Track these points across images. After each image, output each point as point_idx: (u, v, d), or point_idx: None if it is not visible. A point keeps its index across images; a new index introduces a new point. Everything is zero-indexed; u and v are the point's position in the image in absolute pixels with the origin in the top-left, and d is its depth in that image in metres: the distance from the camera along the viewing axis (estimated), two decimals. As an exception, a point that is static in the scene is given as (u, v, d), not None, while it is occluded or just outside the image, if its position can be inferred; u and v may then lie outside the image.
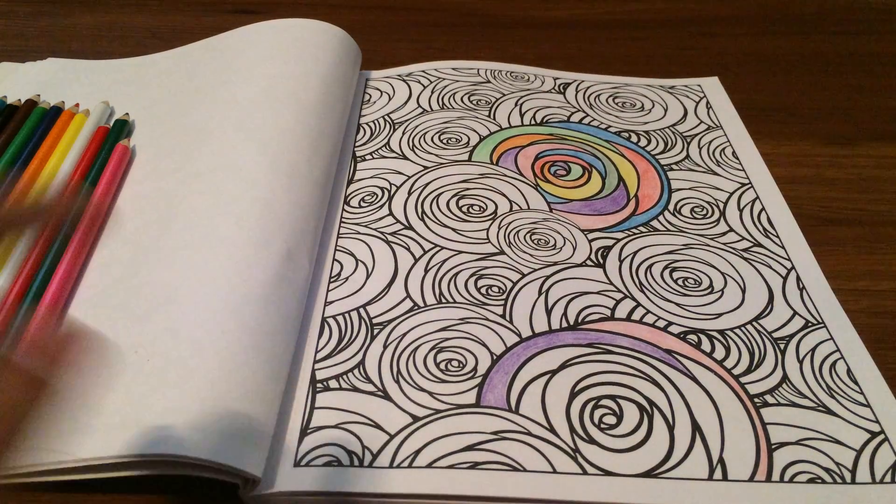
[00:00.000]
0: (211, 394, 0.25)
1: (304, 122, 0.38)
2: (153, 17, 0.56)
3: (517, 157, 0.41)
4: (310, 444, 0.26)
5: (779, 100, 0.48)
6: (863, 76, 0.50)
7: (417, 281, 0.33)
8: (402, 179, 0.39)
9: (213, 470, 0.24)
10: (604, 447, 0.27)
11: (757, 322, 0.32)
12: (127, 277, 0.31)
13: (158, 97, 0.43)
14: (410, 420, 0.27)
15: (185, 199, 0.34)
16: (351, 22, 0.48)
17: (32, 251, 0.32)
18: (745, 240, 0.36)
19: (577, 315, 0.32)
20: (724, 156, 0.41)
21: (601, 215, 0.37)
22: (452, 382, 0.29)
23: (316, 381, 0.29)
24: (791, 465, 0.26)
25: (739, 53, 0.53)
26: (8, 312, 0.29)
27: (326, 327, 0.31)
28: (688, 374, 0.29)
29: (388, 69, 0.48)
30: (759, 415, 0.28)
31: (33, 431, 0.16)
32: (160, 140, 0.40)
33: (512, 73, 0.48)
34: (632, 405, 0.28)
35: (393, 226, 0.36)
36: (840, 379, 0.29)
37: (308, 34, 0.44)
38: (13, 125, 0.39)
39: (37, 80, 0.46)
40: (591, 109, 0.45)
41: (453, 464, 0.26)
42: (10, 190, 0.34)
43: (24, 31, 0.54)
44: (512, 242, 0.35)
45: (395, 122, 0.43)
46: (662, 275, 0.34)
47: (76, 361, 0.16)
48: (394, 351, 0.30)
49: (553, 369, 0.29)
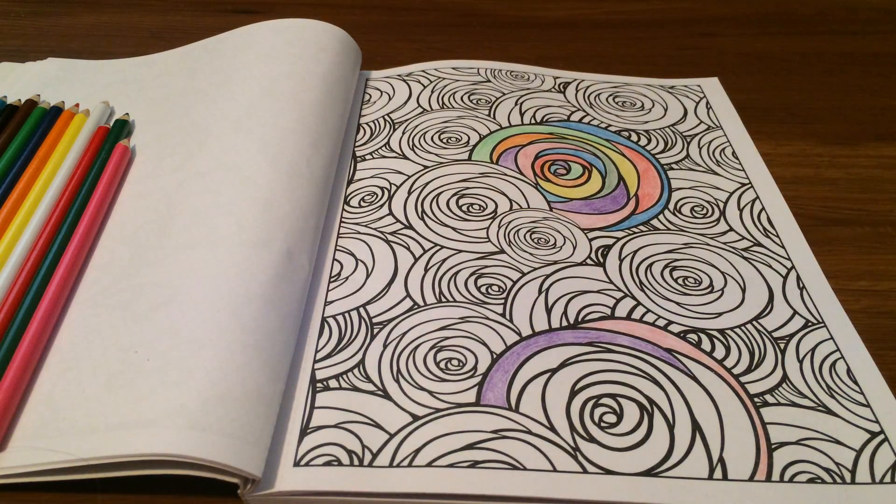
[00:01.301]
0: (211, 394, 0.25)
1: (305, 122, 0.38)
2: (153, 17, 0.56)
3: (517, 156, 0.41)
4: (309, 444, 0.26)
5: (779, 100, 0.48)
6: (863, 76, 0.50)
7: (417, 280, 0.33)
8: (402, 179, 0.39)
9: (213, 470, 0.24)
10: (604, 446, 0.27)
11: (757, 321, 0.32)
12: (127, 277, 0.31)
13: (158, 97, 0.43)
14: (410, 419, 0.27)
15: (186, 199, 0.34)
16: (351, 22, 0.49)
17: (32, 251, 0.32)
18: (746, 239, 0.36)
19: (578, 314, 0.32)
20: (724, 156, 0.41)
21: (601, 214, 0.37)
22: (452, 381, 0.29)
23: (316, 381, 0.29)
24: (791, 464, 0.26)
25: (739, 53, 0.53)
26: (8, 312, 0.29)
27: (326, 327, 0.31)
28: (688, 374, 0.29)
29: (388, 69, 0.48)
30: (759, 414, 0.28)
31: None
32: (160, 140, 0.40)
33: (512, 73, 0.48)
34: (632, 404, 0.28)
35: (393, 225, 0.36)
36: (840, 379, 0.29)
37: (308, 34, 0.44)
38: (13, 125, 0.39)
39: (37, 80, 0.46)
40: (591, 108, 0.45)
41: (453, 463, 0.26)
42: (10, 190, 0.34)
43: (24, 31, 0.54)
44: (512, 241, 0.35)
45: (395, 122, 0.43)
46: (662, 274, 0.34)
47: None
48: (394, 350, 0.30)
49: (553, 368, 0.29)
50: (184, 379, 0.26)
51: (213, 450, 0.24)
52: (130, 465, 0.24)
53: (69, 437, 0.25)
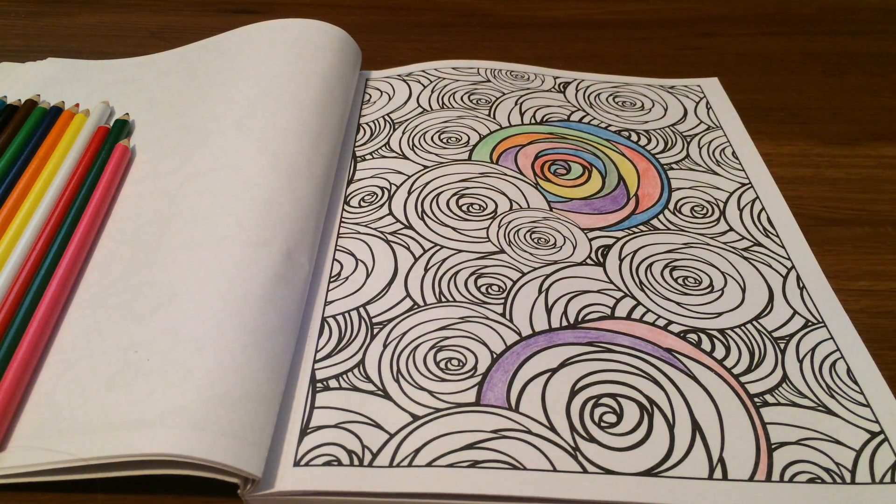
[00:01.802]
0: (211, 394, 0.25)
1: (305, 122, 0.38)
2: (153, 17, 0.56)
3: (517, 156, 0.41)
4: (309, 444, 0.26)
5: (779, 100, 0.48)
6: (863, 76, 0.50)
7: (417, 280, 0.33)
8: (402, 179, 0.39)
9: (213, 470, 0.24)
10: (604, 446, 0.27)
11: (757, 321, 0.32)
12: (127, 277, 0.31)
13: (158, 97, 0.43)
14: (410, 419, 0.27)
15: (185, 199, 0.34)
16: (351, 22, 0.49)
17: (32, 251, 0.32)
18: (746, 239, 0.36)
19: (577, 314, 0.32)
20: (724, 156, 0.41)
21: (601, 214, 0.37)
22: (452, 381, 0.29)
23: (316, 381, 0.29)
24: (791, 464, 0.26)
25: (739, 53, 0.53)
26: (8, 312, 0.29)
27: (326, 327, 0.31)
28: (688, 373, 0.29)
29: (388, 69, 0.48)
30: (759, 414, 0.28)
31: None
32: (160, 140, 0.40)
33: (512, 73, 0.48)
34: (632, 404, 0.28)
35: (393, 225, 0.36)
36: (840, 379, 0.29)
37: (308, 34, 0.44)
38: (13, 125, 0.39)
39: (37, 80, 0.46)
40: (591, 108, 0.45)
41: (453, 462, 0.26)
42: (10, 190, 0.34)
43: (24, 31, 0.54)
44: (512, 241, 0.35)
45: (395, 122, 0.43)
46: (662, 274, 0.34)
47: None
48: (394, 350, 0.30)
49: (553, 368, 0.29)
50: (184, 379, 0.26)
51: (213, 450, 0.24)
52: (130, 465, 0.24)
53: (69, 437, 0.25)
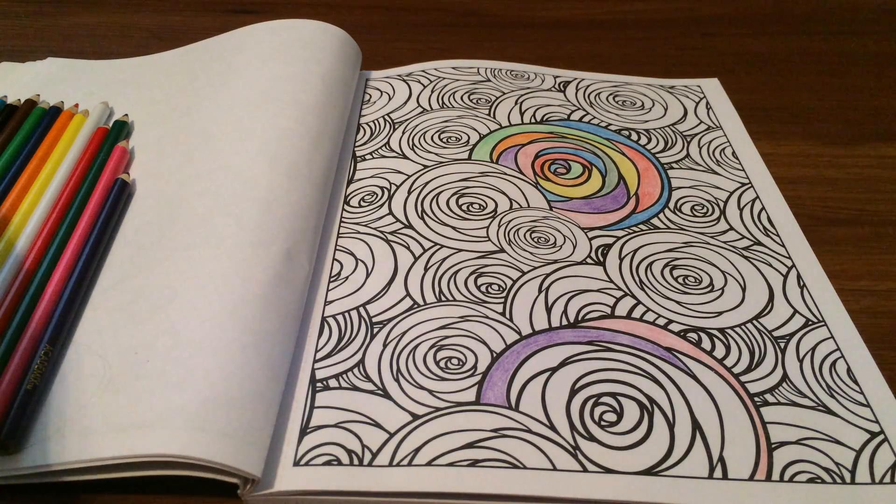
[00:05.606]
0: (211, 394, 0.25)
1: (305, 123, 0.38)
2: (153, 17, 0.56)
3: (517, 155, 0.41)
4: (309, 444, 0.26)
5: (779, 100, 0.48)
6: (863, 76, 0.50)
7: (417, 279, 0.33)
8: (402, 178, 0.39)
9: (213, 470, 0.24)
10: (604, 445, 0.27)
11: (757, 321, 0.32)
12: (127, 278, 0.31)
13: (158, 97, 0.43)
14: (410, 418, 0.27)
15: (185, 200, 0.34)
16: (351, 22, 0.49)
17: (32, 250, 0.32)
18: (746, 238, 0.36)
19: (577, 313, 0.32)
20: (724, 156, 0.41)
21: (601, 213, 0.37)
22: (452, 380, 0.29)
23: (316, 381, 0.29)
24: (791, 464, 0.26)
25: (739, 53, 0.53)
26: (7, 312, 0.29)
27: (326, 326, 0.31)
28: (688, 373, 0.29)
29: (388, 69, 0.48)
30: (759, 414, 0.28)
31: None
32: (160, 140, 0.40)
33: (512, 72, 0.48)
34: (632, 403, 0.28)
35: (393, 225, 0.36)
36: (840, 378, 0.29)
37: (308, 34, 0.44)
38: (12, 125, 0.39)
39: (36, 80, 0.46)
40: (591, 108, 0.45)
41: (453, 462, 0.26)
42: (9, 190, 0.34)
43: (24, 31, 0.54)
44: (512, 240, 0.35)
45: (395, 122, 0.43)
46: (663, 273, 0.34)
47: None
48: (394, 349, 0.30)
49: (553, 367, 0.29)
50: (184, 380, 0.26)
51: (213, 450, 0.24)
52: (130, 465, 0.24)
53: (70, 439, 0.25)
